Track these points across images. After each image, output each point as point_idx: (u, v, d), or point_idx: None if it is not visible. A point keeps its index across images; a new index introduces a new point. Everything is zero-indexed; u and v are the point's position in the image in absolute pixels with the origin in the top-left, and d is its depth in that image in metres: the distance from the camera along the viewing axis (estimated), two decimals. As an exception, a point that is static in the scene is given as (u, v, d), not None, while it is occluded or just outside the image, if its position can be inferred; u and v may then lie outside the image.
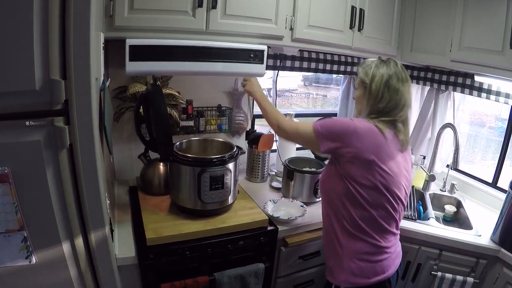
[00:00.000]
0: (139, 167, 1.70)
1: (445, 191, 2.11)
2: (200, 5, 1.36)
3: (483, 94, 1.87)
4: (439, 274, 1.60)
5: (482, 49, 1.61)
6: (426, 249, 1.64)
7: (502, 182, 1.99)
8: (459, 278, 1.58)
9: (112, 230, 1.17)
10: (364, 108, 1.23)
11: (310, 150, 2.04)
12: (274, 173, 2.04)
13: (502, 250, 1.51)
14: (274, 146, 2.00)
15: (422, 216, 1.85)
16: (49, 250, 0.98)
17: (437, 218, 1.85)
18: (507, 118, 1.97)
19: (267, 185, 1.96)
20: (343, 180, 1.18)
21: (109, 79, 1.60)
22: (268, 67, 1.81)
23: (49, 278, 1.02)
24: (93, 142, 0.93)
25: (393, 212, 1.19)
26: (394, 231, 1.24)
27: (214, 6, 1.39)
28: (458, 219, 1.94)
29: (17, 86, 0.83)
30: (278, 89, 2.10)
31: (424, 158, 2.18)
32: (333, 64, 2.15)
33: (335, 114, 2.40)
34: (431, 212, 1.84)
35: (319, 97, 3.46)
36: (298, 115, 2.09)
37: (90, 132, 0.92)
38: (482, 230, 1.65)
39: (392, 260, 1.22)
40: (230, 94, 1.97)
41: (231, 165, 1.45)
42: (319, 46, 1.76)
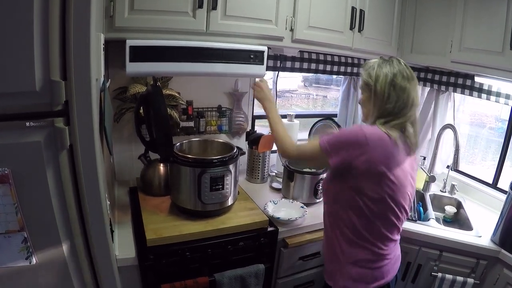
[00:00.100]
0: (139, 168, 1.70)
1: (445, 192, 2.11)
2: (200, 6, 1.36)
3: (483, 95, 1.87)
4: (440, 275, 1.60)
5: (482, 50, 1.61)
6: (426, 250, 1.64)
7: (502, 183, 1.99)
8: (459, 279, 1.58)
9: (112, 231, 1.17)
10: (371, 111, 1.17)
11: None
12: (274, 174, 2.03)
13: (503, 251, 1.51)
14: (274, 147, 1.99)
15: (422, 217, 1.85)
16: (49, 251, 0.98)
17: (437, 219, 1.85)
18: (507, 119, 1.97)
19: (267, 186, 1.96)
20: (349, 191, 1.14)
21: (109, 80, 1.60)
22: (268, 68, 1.82)
23: (49, 279, 1.02)
24: (93, 143, 0.93)
25: (396, 221, 1.17)
26: (396, 238, 1.23)
27: (214, 7, 1.39)
28: (458, 220, 1.94)
29: (17, 87, 0.83)
30: (278, 89, 2.10)
31: (424, 159, 2.18)
32: (333, 65, 2.16)
33: (335, 115, 2.40)
34: (431, 213, 1.84)
35: (319, 97, 3.47)
36: (298, 116, 2.08)
37: (90, 133, 0.92)
38: (482, 231, 1.65)
39: (391, 265, 1.21)
40: (230, 94, 1.97)
41: (231, 166, 1.45)
42: (319, 47, 1.76)
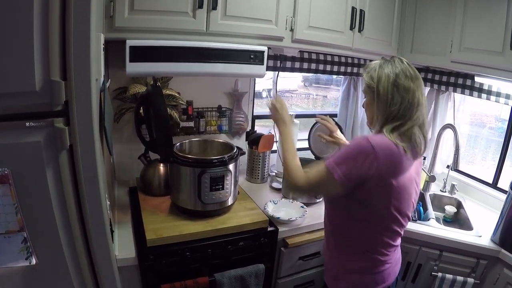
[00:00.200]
0: (139, 168, 1.70)
1: (445, 192, 2.11)
2: (200, 6, 1.36)
3: (483, 95, 1.87)
4: (440, 274, 1.60)
5: (482, 50, 1.61)
6: (427, 249, 1.64)
7: (502, 183, 1.99)
8: (460, 278, 1.58)
9: (112, 231, 1.17)
10: (375, 115, 1.12)
11: (312, 153, 2.03)
12: (274, 173, 2.03)
13: (503, 250, 1.51)
14: (274, 146, 2.00)
15: (422, 216, 1.85)
16: (49, 251, 0.98)
17: (437, 219, 1.85)
18: (507, 118, 1.97)
19: (267, 185, 1.96)
20: (355, 205, 1.10)
21: (109, 80, 1.60)
22: (268, 68, 1.82)
23: (49, 279, 1.01)
24: (93, 143, 0.93)
25: (399, 229, 1.16)
26: (397, 244, 1.21)
27: (215, 7, 1.39)
28: (459, 220, 1.94)
29: (17, 87, 0.83)
30: (278, 89, 2.10)
31: (424, 158, 2.18)
32: (333, 65, 2.15)
33: (335, 115, 2.40)
34: (432, 212, 1.84)
35: (319, 97, 3.46)
36: (298, 116, 2.09)
37: (90, 133, 0.92)
38: (482, 231, 1.65)
39: (392, 268, 1.20)
40: (230, 95, 1.97)
41: (231, 166, 1.45)
42: (319, 47, 1.76)
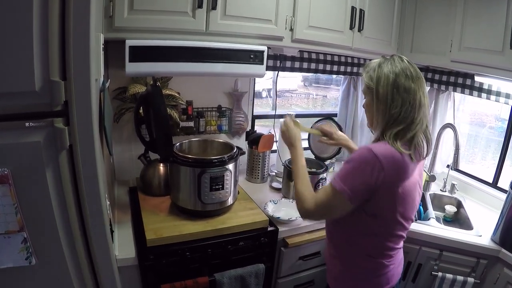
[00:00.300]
0: (139, 168, 1.70)
1: (445, 191, 2.11)
2: (200, 6, 1.36)
3: (483, 95, 1.87)
4: (440, 274, 1.60)
5: (482, 49, 1.61)
6: (427, 249, 1.64)
7: (503, 182, 1.98)
8: (460, 278, 1.58)
9: (112, 231, 1.17)
10: (375, 117, 1.09)
11: (312, 153, 2.03)
12: (274, 173, 2.03)
13: (503, 250, 1.51)
14: (274, 146, 2.00)
15: (422, 216, 1.85)
16: (49, 251, 0.98)
17: (437, 218, 1.85)
18: (507, 118, 1.97)
19: (267, 185, 1.96)
20: (361, 218, 1.07)
21: (109, 80, 1.60)
22: (268, 68, 1.81)
23: (49, 279, 1.01)
24: (93, 143, 0.93)
25: (403, 233, 1.15)
26: (401, 246, 1.20)
27: (214, 7, 1.39)
28: (459, 219, 1.94)
29: (17, 87, 0.83)
30: (278, 89, 2.10)
31: (424, 158, 2.17)
32: (333, 64, 2.15)
33: (335, 115, 2.40)
34: (432, 212, 1.84)
35: (319, 97, 3.47)
36: (298, 116, 2.08)
37: (90, 133, 0.92)
38: (482, 230, 1.65)
39: (395, 269, 1.19)
40: (230, 94, 1.97)
41: (231, 165, 1.45)
42: (319, 47, 1.76)
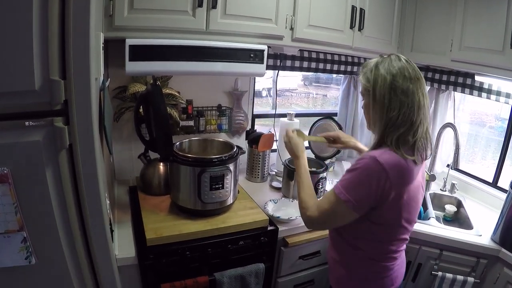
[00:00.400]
0: (139, 167, 1.70)
1: (445, 191, 2.11)
2: (200, 5, 1.36)
3: (484, 94, 1.87)
4: (440, 274, 1.60)
5: (483, 48, 1.61)
6: (427, 249, 1.64)
7: (503, 182, 1.98)
8: (460, 278, 1.58)
9: (112, 230, 1.16)
10: (373, 119, 1.07)
11: (312, 152, 2.03)
12: (274, 173, 2.03)
13: (503, 250, 1.51)
14: (274, 146, 1.99)
15: (422, 216, 1.85)
16: (49, 250, 0.98)
17: (437, 218, 1.85)
18: (507, 117, 1.96)
19: (267, 185, 1.96)
20: (364, 222, 1.05)
21: (109, 79, 1.60)
22: (268, 67, 1.81)
23: (49, 279, 1.01)
24: (92, 142, 0.93)
25: (406, 236, 1.14)
26: (403, 248, 1.19)
27: (214, 6, 1.39)
28: (459, 219, 1.94)
29: (16, 86, 0.82)
30: (278, 88, 2.10)
31: (424, 158, 2.17)
32: (333, 64, 2.15)
33: (335, 114, 2.39)
34: (432, 212, 1.84)
35: (319, 96, 3.47)
36: (298, 115, 2.08)
37: (90, 132, 0.92)
38: (482, 230, 1.65)
39: (398, 269, 1.18)
40: (230, 94, 1.97)
41: (231, 165, 1.45)
42: (320, 46, 1.76)
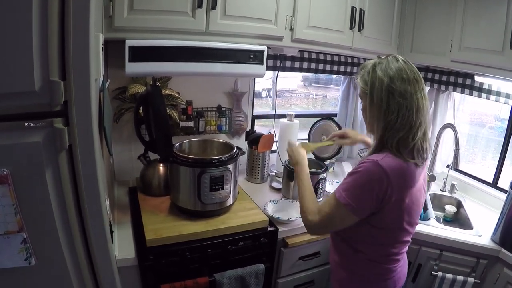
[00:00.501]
0: (139, 168, 1.70)
1: (445, 191, 2.11)
2: (199, 5, 1.36)
3: (483, 94, 1.87)
4: (440, 274, 1.60)
5: (482, 49, 1.61)
6: (427, 249, 1.64)
7: (503, 182, 1.98)
8: (460, 278, 1.58)
9: (111, 231, 1.16)
10: (371, 122, 1.06)
11: (313, 154, 2.03)
12: (274, 173, 2.03)
13: (503, 250, 1.51)
14: (274, 146, 1.99)
15: (422, 216, 1.85)
16: (48, 251, 0.98)
17: (437, 218, 1.85)
18: (507, 118, 1.96)
19: (267, 185, 1.96)
20: (365, 226, 1.05)
21: (108, 80, 1.60)
22: (268, 68, 1.81)
23: (48, 280, 1.01)
24: (92, 143, 0.93)
25: (408, 238, 1.14)
26: (405, 250, 1.19)
27: (214, 7, 1.39)
28: (459, 219, 1.94)
29: (16, 87, 0.82)
30: (278, 89, 2.10)
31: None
32: (333, 64, 2.15)
33: (335, 115, 2.39)
34: (432, 212, 1.84)
35: (319, 97, 3.46)
36: (298, 116, 2.08)
37: (90, 133, 0.92)
38: (482, 230, 1.65)
39: (401, 271, 1.18)
40: (230, 94, 1.97)
41: (231, 166, 1.45)
42: (319, 47, 1.76)
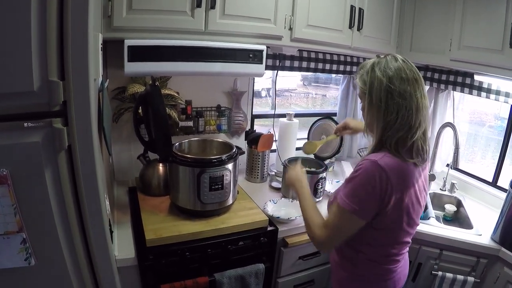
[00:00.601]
0: (139, 168, 1.70)
1: (445, 191, 2.11)
2: (198, 5, 1.36)
3: (483, 93, 1.87)
4: (440, 273, 1.60)
5: (482, 48, 1.61)
6: (427, 248, 1.64)
7: (502, 181, 1.98)
8: (460, 277, 1.58)
9: (111, 231, 1.16)
10: (370, 122, 1.05)
11: (313, 155, 2.03)
12: (273, 173, 2.03)
13: (503, 249, 1.51)
14: (274, 146, 1.99)
15: (422, 215, 1.84)
16: (48, 251, 0.98)
17: (437, 218, 1.85)
18: (507, 117, 1.96)
19: (267, 185, 1.96)
20: (366, 228, 1.04)
21: (107, 80, 1.60)
22: (267, 67, 1.81)
23: (48, 280, 1.01)
24: (91, 143, 0.93)
25: (409, 239, 1.14)
26: (406, 251, 1.19)
27: (213, 6, 1.39)
28: (459, 219, 1.94)
29: (15, 87, 0.82)
30: (277, 88, 2.10)
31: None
32: (332, 63, 2.15)
33: (335, 114, 2.39)
34: (431, 211, 1.84)
35: (319, 96, 3.46)
36: (297, 115, 2.08)
37: (89, 133, 0.92)
38: (482, 230, 1.65)
39: (402, 271, 1.18)
40: (229, 94, 1.97)
41: (231, 165, 1.45)
42: (318, 46, 1.76)
